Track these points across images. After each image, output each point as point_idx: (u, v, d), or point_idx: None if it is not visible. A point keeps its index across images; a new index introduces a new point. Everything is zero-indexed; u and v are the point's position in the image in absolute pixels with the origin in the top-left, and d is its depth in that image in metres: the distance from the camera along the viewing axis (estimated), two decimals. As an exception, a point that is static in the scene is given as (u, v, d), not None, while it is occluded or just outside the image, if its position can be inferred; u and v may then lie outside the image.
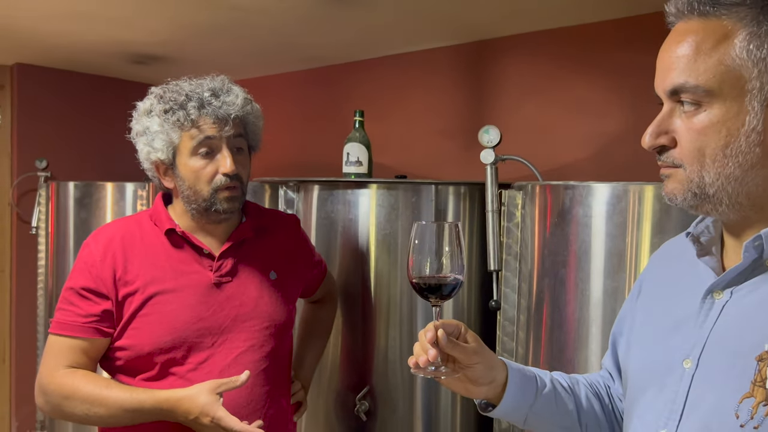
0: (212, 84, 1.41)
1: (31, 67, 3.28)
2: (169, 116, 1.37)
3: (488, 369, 0.99)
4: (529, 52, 2.38)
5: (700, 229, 0.89)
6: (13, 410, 3.37)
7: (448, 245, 1.00)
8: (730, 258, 0.85)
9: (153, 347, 1.37)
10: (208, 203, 1.39)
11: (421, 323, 1.93)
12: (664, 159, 0.82)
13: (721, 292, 0.82)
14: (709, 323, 0.82)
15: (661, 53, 0.82)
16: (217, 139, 1.38)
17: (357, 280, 1.95)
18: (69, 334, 1.37)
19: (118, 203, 2.78)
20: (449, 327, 0.97)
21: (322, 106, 3.05)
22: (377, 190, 1.93)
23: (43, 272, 3.06)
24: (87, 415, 1.33)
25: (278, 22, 2.34)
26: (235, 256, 1.46)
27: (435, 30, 2.42)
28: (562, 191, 1.56)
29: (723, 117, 0.76)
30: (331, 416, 1.98)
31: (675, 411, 0.82)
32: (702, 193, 0.79)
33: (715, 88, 0.76)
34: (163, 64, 3.11)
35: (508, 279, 1.73)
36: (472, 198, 1.96)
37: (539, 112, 2.36)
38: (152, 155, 1.41)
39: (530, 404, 1.01)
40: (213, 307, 1.41)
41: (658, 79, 0.82)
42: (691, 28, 0.78)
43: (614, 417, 1.08)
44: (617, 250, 1.47)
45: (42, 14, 2.35)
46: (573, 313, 1.53)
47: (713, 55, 0.76)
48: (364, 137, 2.17)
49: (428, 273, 0.99)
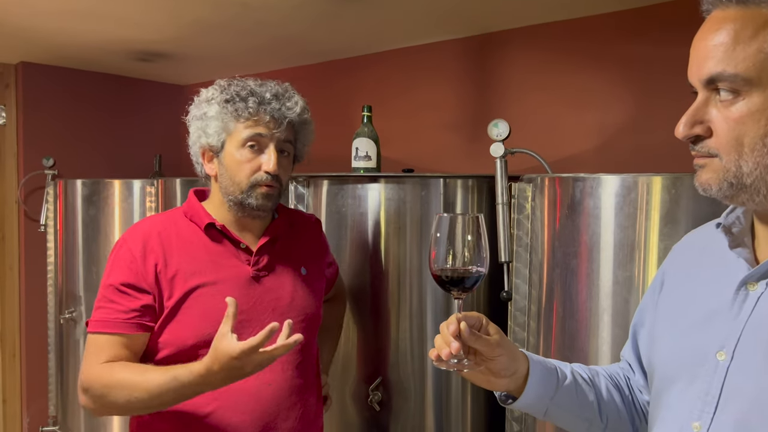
0: (276, 88, 1.47)
1: (36, 66, 3.29)
2: (229, 105, 1.42)
3: (511, 361, 0.98)
4: (535, 45, 2.40)
5: (731, 219, 0.88)
6: (24, 406, 3.40)
7: (471, 237, 0.98)
8: (763, 250, 0.84)
9: (197, 339, 1.37)
10: (245, 195, 1.42)
11: (431, 315, 1.96)
12: (699, 149, 0.81)
13: (755, 284, 0.81)
14: (744, 315, 0.81)
15: (697, 42, 0.81)
16: (267, 137, 1.42)
17: (367, 274, 1.98)
18: (110, 331, 1.36)
19: (126, 200, 2.79)
20: (471, 319, 0.96)
21: (329, 101, 3.06)
22: (386, 184, 1.95)
23: (52, 269, 3.08)
24: (129, 401, 1.31)
25: (283, 18, 2.35)
26: (270, 251, 1.50)
27: (441, 23, 2.44)
28: (572, 183, 1.58)
29: (762, 106, 0.75)
30: (345, 407, 2.01)
31: (709, 403, 0.82)
32: (739, 183, 0.78)
33: (755, 76, 0.75)
34: (168, 60, 3.12)
35: (518, 270, 1.76)
36: (480, 190, 1.99)
37: (545, 105, 2.37)
38: (203, 139, 1.45)
39: (551, 396, 1.01)
40: (252, 300, 1.44)
41: (692, 68, 0.81)
42: (729, 15, 0.78)
43: (634, 408, 1.08)
44: (628, 241, 1.49)
45: (46, 12, 2.35)
46: (584, 303, 1.55)
47: (753, 43, 0.75)
48: (373, 132, 2.19)
49: (450, 266, 0.98)
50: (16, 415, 3.43)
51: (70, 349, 2.97)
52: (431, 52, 2.70)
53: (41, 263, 3.20)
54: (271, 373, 1.42)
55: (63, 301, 2.98)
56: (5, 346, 3.40)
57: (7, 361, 3.41)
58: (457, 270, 0.98)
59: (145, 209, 2.73)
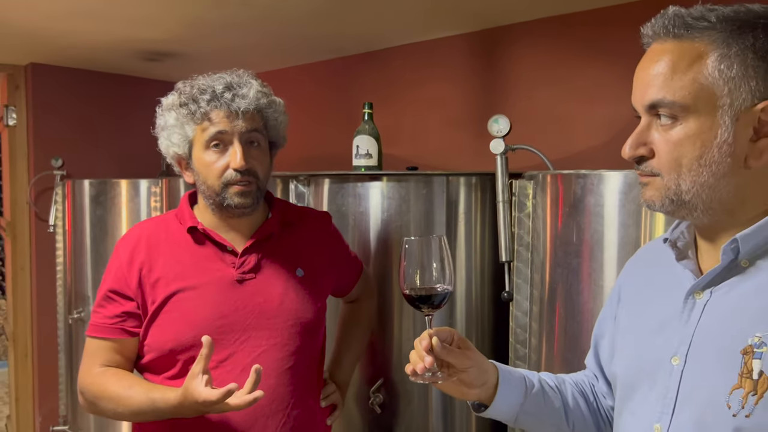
0: (229, 78, 1.40)
1: (45, 67, 3.30)
2: (183, 110, 1.37)
3: (481, 372, 1.05)
4: (542, 39, 2.35)
5: (676, 234, 0.95)
6: (36, 405, 3.43)
7: (436, 258, 1.06)
8: (705, 260, 0.91)
9: (174, 344, 1.36)
10: (220, 198, 1.38)
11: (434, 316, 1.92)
12: (643, 168, 0.88)
13: (701, 293, 0.87)
14: (693, 322, 0.87)
15: (639, 71, 0.88)
16: (228, 132, 1.36)
17: (369, 274, 1.95)
18: (99, 335, 1.40)
19: (132, 200, 2.79)
20: (443, 334, 1.03)
21: (332, 98, 3.04)
22: (388, 182, 1.92)
23: (61, 269, 3.09)
24: (116, 413, 1.37)
25: (287, 14, 2.33)
26: (259, 252, 1.44)
27: (446, 18, 2.40)
28: (574, 180, 1.53)
29: (698, 130, 0.82)
30: (346, 409, 1.98)
31: (667, 405, 0.87)
32: (678, 199, 0.85)
33: (690, 104, 0.82)
34: (175, 60, 3.12)
35: (520, 270, 1.71)
36: (484, 188, 1.94)
37: (553, 100, 2.32)
38: (171, 149, 1.42)
39: (520, 403, 1.08)
40: (236, 303, 1.40)
41: (636, 95, 0.88)
42: (666, 48, 0.85)
43: (599, 414, 1.14)
44: (630, 239, 1.44)
45: (54, 13, 2.36)
46: (586, 303, 1.51)
47: (688, 73, 0.82)
48: (374, 129, 2.15)
49: (419, 285, 1.05)
50: (28, 415, 3.45)
51: (80, 349, 2.97)
52: (436, 47, 2.66)
53: (51, 264, 3.22)
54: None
55: (72, 301, 2.99)
56: (18, 346, 3.43)
57: (19, 360, 3.43)
58: (425, 288, 1.06)
59: (150, 209, 2.73)
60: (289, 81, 3.24)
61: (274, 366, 1.40)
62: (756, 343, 0.79)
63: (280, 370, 1.41)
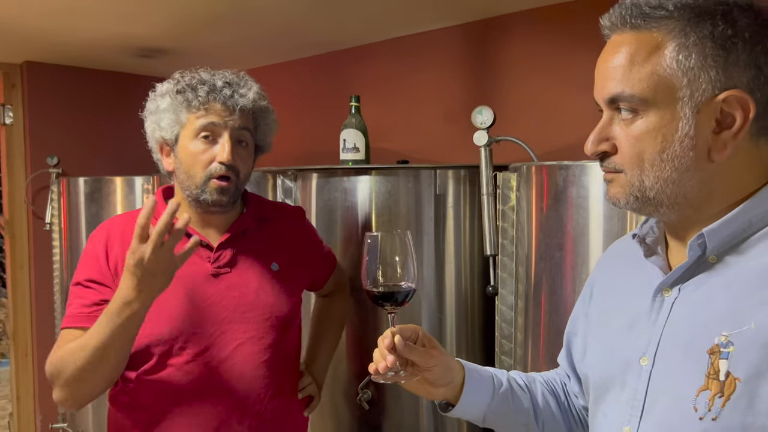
0: (229, 76, 1.42)
1: (40, 65, 3.30)
2: (180, 96, 1.38)
3: (446, 371, 1.02)
4: (533, 30, 2.31)
5: (645, 230, 0.92)
6: (37, 403, 3.44)
7: (399, 254, 1.02)
8: (674, 257, 0.88)
9: (149, 339, 1.35)
10: (200, 190, 1.38)
11: (424, 311, 1.90)
12: (607, 165, 0.86)
13: (669, 290, 0.85)
14: (661, 321, 0.84)
15: (599, 64, 0.86)
16: (221, 125, 1.37)
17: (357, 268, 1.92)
18: (75, 325, 1.34)
19: (127, 197, 2.79)
20: (406, 332, 1.01)
21: (321, 93, 3.01)
22: (375, 176, 1.89)
23: (58, 267, 3.10)
24: (77, 368, 1.25)
25: (278, 8, 2.32)
26: (234, 247, 1.45)
27: (436, 10, 2.36)
28: (556, 171, 1.50)
29: (658, 124, 0.79)
30: (334, 405, 1.96)
31: (636, 408, 0.85)
32: (643, 196, 0.82)
33: (650, 96, 0.79)
34: (169, 56, 3.11)
35: (505, 264, 1.68)
36: (473, 181, 1.92)
37: (545, 92, 2.28)
38: (157, 133, 1.41)
39: (487, 403, 1.05)
40: (211, 297, 1.40)
41: (597, 89, 0.86)
42: (624, 40, 0.82)
43: (571, 414, 1.11)
44: (614, 231, 1.41)
45: (47, 10, 2.37)
46: (570, 296, 1.48)
47: (646, 65, 0.79)
48: (361, 123, 2.13)
49: (381, 281, 1.01)
50: (29, 413, 3.47)
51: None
52: (426, 40, 2.63)
53: (48, 261, 3.22)
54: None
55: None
56: (18, 344, 3.44)
57: (20, 359, 3.44)
58: (387, 285, 1.02)
59: (144, 206, 2.72)
60: (278, 77, 3.22)
61: (250, 359, 1.39)
62: (722, 342, 0.75)
63: (256, 363, 1.41)
